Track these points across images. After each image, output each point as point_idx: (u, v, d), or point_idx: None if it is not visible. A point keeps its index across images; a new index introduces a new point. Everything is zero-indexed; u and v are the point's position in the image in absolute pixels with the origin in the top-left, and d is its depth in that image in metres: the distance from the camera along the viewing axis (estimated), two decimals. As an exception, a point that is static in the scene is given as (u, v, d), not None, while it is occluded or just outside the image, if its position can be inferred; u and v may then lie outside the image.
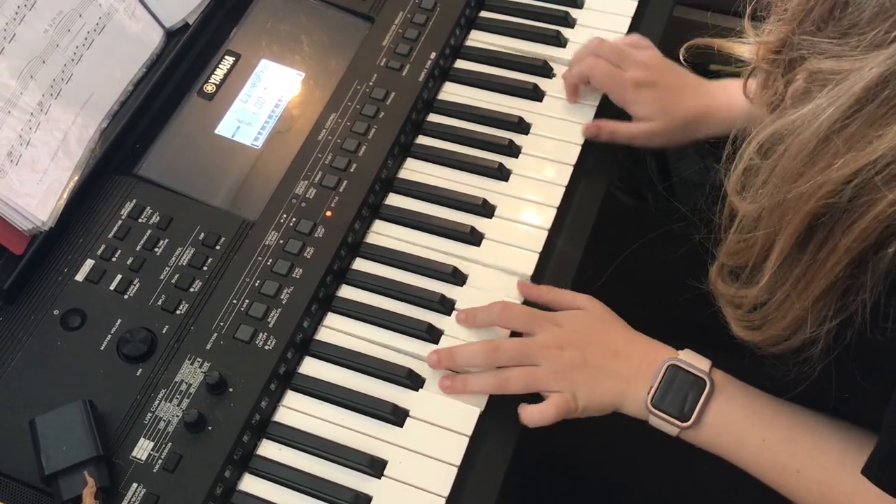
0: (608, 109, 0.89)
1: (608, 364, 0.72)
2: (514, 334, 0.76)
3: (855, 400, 0.62)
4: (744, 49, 0.68)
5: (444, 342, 0.76)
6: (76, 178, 0.80)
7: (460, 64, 0.94)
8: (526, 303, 0.78)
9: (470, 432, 0.72)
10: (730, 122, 0.84)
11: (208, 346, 0.73)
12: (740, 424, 0.69)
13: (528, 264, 0.80)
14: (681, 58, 0.88)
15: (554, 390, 0.72)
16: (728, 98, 0.85)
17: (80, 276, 0.76)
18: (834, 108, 0.51)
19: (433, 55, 0.91)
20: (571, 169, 0.86)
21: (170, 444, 0.69)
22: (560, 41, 0.95)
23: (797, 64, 0.57)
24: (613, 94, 0.87)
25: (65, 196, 0.79)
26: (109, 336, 0.73)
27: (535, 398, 0.73)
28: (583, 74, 0.87)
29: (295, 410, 0.73)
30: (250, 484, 0.70)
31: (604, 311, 0.76)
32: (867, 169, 0.50)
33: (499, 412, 0.73)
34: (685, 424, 0.69)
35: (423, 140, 0.89)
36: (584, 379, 0.72)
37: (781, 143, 0.55)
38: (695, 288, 0.67)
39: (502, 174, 0.86)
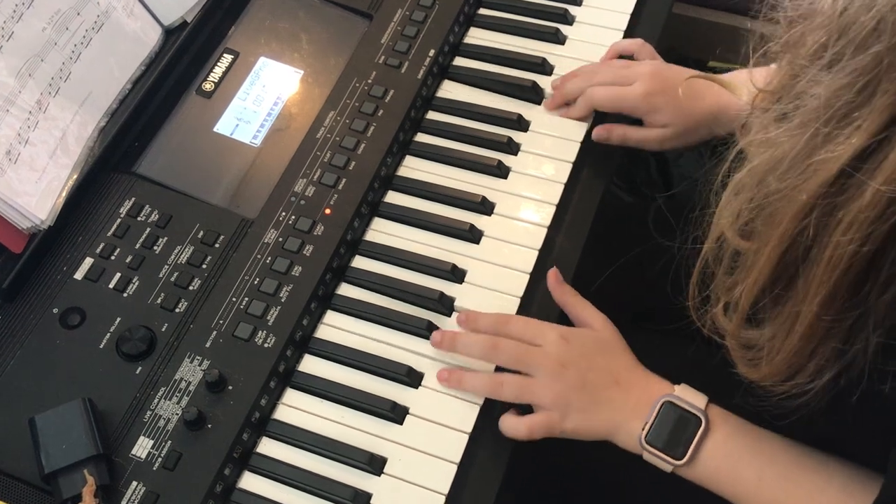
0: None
1: (607, 392, 0.71)
2: None
3: (855, 439, 0.62)
4: (742, 92, 0.66)
5: (444, 340, 0.76)
6: (75, 176, 0.80)
7: (459, 61, 0.94)
8: (528, 301, 0.78)
9: (469, 430, 0.72)
10: (739, 119, 0.84)
11: (208, 344, 0.73)
12: (736, 462, 0.68)
13: (528, 262, 0.80)
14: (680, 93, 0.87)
15: (545, 406, 0.71)
16: (735, 100, 0.85)
17: (79, 275, 0.76)
18: (797, 133, 0.51)
19: (432, 52, 0.91)
20: (570, 166, 0.86)
21: (169, 442, 0.69)
22: (559, 38, 0.95)
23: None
24: (626, 112, 0.86)
25: (63, 194, 0.79)
26: (109, 334, 0.73)
27: (527, 408, 0.72)
28: (586, 110, 0.87)
29: (294, 408, 0.74)
30: (250, 482, 0.70)
31: (614, 335, 0.75)
32: (821, 190, 0.50)
33: (498, 410, 0.73)
34: (679, 462, 0.68)
35: (422, 137, 0.89)
36: (579, 402, 0.71)
37: (763, 153, 0.55)
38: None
39: (501, 172, 0.86)
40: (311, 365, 0.76)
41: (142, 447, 0.69)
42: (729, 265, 0.59)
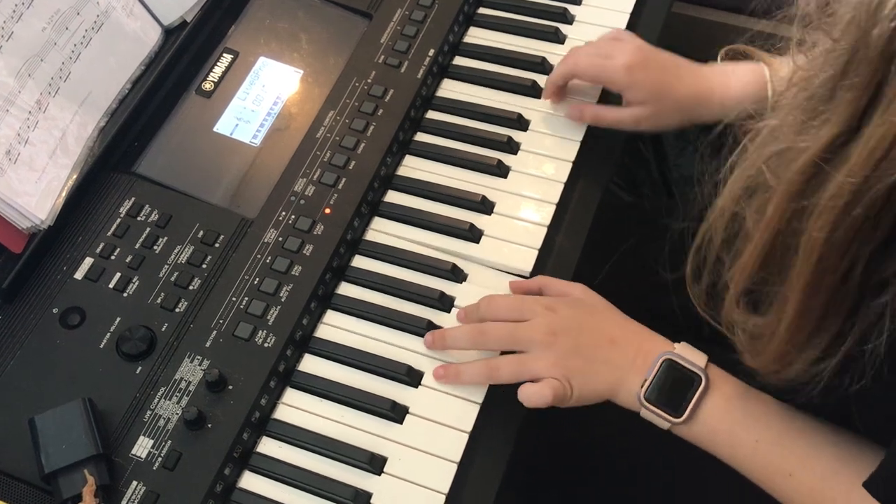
0: (609, 101, 0.89)
1: (603, 352, 0.71)
2: None
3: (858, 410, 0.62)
4: (782, 69, 0.67)
5: (444, 339, 0.76)
6: (75, 176, 0.80)
7: (459, 61, 0.94)
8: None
9: (469, 429, 0.72)
10: (722, 110, 0.82)
11: (208, 344, 0.73)
12: (734, 423, 0.68)
13: (528, 261, 0.80)
14: (719, 58, 0.87)
15: (545, 377, 0.70)
16: (723, 84, 0.84)
17: (79, 275, 0.76)
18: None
19: (432, 52, 0.91)
20: (570, 165, 0.86)
21: (169, 441, 0.69)
22: (559, 38, 0.95)
23: None
24: (606, 83, 0.86)
25: (63, 194, 0.79)
26: (109, 334, 0.73)
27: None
28: (566, 73, 0.86)
29: (294, 408, 0.74)
30: (250, 481, 0.70)
31: (598, 299, 0.75)
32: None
33: (498, 408, 0.73)
34: (677, 420, 0.68)
35: (421, 137, 0.89)
36: (578, 366, 0.71)
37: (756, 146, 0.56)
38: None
39: (501, 171, 0.86)
40: (311, 364, 0.76)
41: (142, 447, 0.69)
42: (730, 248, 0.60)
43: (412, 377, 0.74)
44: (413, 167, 0.87)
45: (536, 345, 0.71)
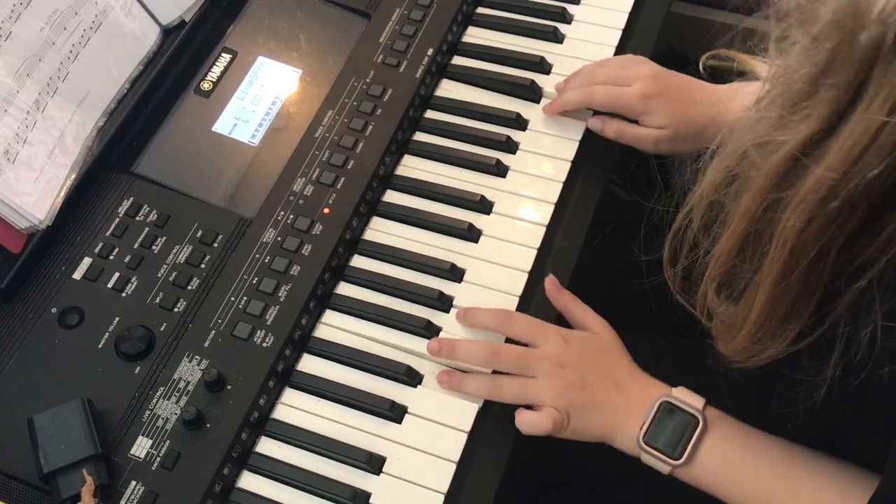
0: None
1: (606, 394, 0.72)
2: (510, 341, 0.76)
3: (854, 431, 0.62)
4: (762, 68, 0.67)
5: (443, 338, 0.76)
6: (73, 176, 0.80)
7: (457, 60, 0.94)
8: (527, 299, 0.78)
9: (468, 429, 0.72)
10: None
11: (206, 344, 0.73)
12: (733, 462, 0.68)
13: (526, 261, 0.80)
14: (700, 66, 0.87)
15: (546, 405, 0.71)
16: (737, 104, 0.84)
17: (77, 275, 0.76)
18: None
19: (430, 52, 0.91)
20: (569, 165, 0.86)
21: (168, 441, 0.69)
22: (557, 37, 0.95)
23: None
24: (623, 112, 0.86)
25: (62, 194, 0.79)
26: (107, 334, 0.73)
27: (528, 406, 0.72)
28: (581, 102, 0.86)
29: (293, 408, 0.73)
30: (249, 481, 0.70)
31: (613, 339, 0.76)
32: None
33: (497, 409, 0.73)
34: (677, 462, 0.68)
35: (420, 136, 0.89)
36: (580, 402, 0.71)
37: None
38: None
39: (500, 170, 0.86)
40: (309, 364, 0.76)
41: (140, 447, 0.69)
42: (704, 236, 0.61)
43: (411, 377, 0.74)
44: (412, 167, 0.87)
45: (543, 372, 0.72)
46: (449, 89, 0.92)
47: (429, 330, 0.76)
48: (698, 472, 0.69)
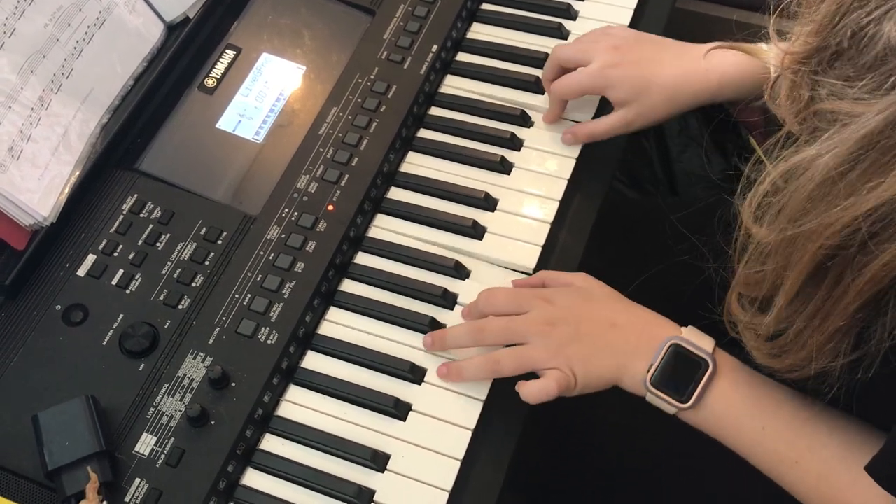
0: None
1: (604, 337, 0.71)
2: None
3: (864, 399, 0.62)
4: (770, 55, 0.66)
5: (447, 336, 0.76)
6: (77, 172, 0.80)
7: (462, 57, 0.94)
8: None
9: (473, 426, 0.72)
10: (708, 93, 0.81)
11: (210, 341, 0.73)
12: (740, 409, 0.68)
13: (531, 258, 0.80)
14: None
15: (549, 367, 0.70)
16: (718, 67, 0.81)
17: (81, 272, 0.76)
18: (835, 153, 0.50)
19: (435, 48, 0.90)
20: (574, 162, 0.86)
21: (172, 438, 0.69)
22: (562, 33, 0.94)
23: (812, 101, 0.55)
24: (592, 91, 0.84)
25: (66, 191, 0.79)
26: (112, 331, 0.73)
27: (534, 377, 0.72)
28: (558, 98, 0.85)
29: (297, 405, 0.73)
30: (253, 478, 0.70)
31: (597, 285, 0.75)
32: (867, 216, 0.49)
33: (501, 405, 0.73)
34: (684, 405, 0.68)
35: (424, 133, 0.89)
36: (579, 354, 0.70)
37: (793, 179, 0.54)
38: (704, 286, 0.67)
39: (504, 167, 0.86)
40: (314, 361, 0.76)
41: (145, 444, 0.69)
42: (756, 259, 0.58)
43: (415, 374, 0.74)
44: (416, 164, 0.87)
45: (534, 336, 0.71)
46: (453, 86, 0.92)
47: (433, 327, 0.76)
48: (704, 417, 0.68)
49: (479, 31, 0.96)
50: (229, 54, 0.90)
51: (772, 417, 0.67)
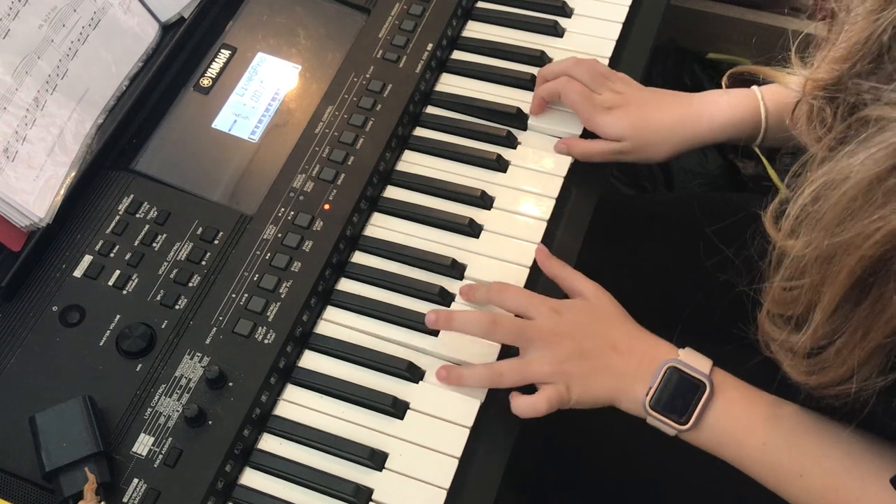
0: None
1: (605, 358, 0.71)
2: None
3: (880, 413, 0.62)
4: (791, 80, 0.66)
5: (444, 334, 0.76)
6: (73, 173, 0.80)
7: (458, 55, 0.94)
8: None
9: (471, 424, 0.72)
10: (710, 132, 0.84)
11: (208, 341, 0.73)
12: (740, 427, 0.68)
13: (528, 256, 0.80)
14: (723, 84, 0.86)
15: (546, 381, 0.71)
16: (712, 106, 0.84)
17: (78, 272, 0.76)
18: (874, 157, 0.49)
19: (430, 46, 0.90)
20: (570, 159, 0.86)
21: (170, 439, 0.69)
22: (557, 31, 0.94)
23: (855, 109, 0.54)
24: (582, 115, 0.85)
25: (62, 192, 0.79)
26: (108, 332, 0.73)
27: (530, 388, 0.72)
28: (554, 91, 0.86)
29: (295, 404, 0.73)
30: (251, 478, 0.70)
31: (607, 302, 0.75)
32: None
33: (500, 403, 0.73)
34: (684, 427, 0.68)
35: (420, 132, 0.89)
36: (578, 371, 0.71)
37: (831, 188, 0.53)
38: (699, 283, 0.66)
39: (501, 165, 0.86)
40: (311, 361, 0.76)
41: (142, 444, 0.69)
42: (791, 275, 0.58)
43: (413, 373, 0.74)
44: (412, 162, 0.87)
45: (539, 346, 0.72)
46: (449, 84, 0.92)
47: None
48: (705, 437, 0.69)
49: (475, 29, 0.96)
50: (224, 54, 0.90)
51: (773, 431, 0.67)
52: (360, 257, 0.81)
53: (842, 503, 0.64)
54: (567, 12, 0.96)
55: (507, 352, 0.75)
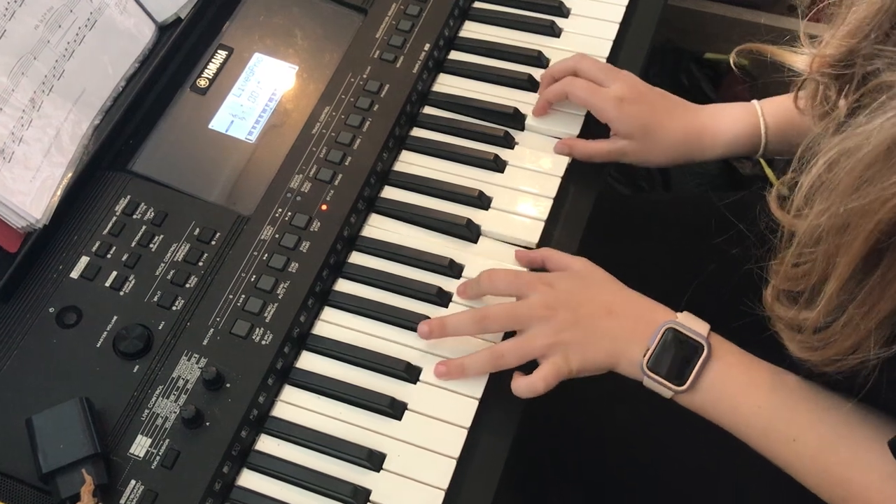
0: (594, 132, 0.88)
1: (601, 323, 0.71)
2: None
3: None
4: (797, 59, 0.66)
5: (442, 335, 0.76)
6: (70, 174, 0.80)
7: (455, 55, 0.94)
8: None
9: (468, 424, 0.72)
10: (713, 149, 0.84)
11: (205, 342, 0.73)
12: (736, 390, 0.68)
13: (525, 255, 0.80)
14: (731, 62, 0.86)
15: (546, 355, 0.71)
16: (714, 122, 0.84)
17: (74, 274, 0.76)
18: (892, 124, 0.50)
19: (427, 46, 0.90)
20: (568, 160, 0.86)
21: (167, 440, 0.69)
22: (554, 31, 0.94)
23: (868, 78, 0.54)
24: (595, 110, 0.85)
25: (58, 193, 0.78)
26: (105, 333, 0.73)
27: (532, 366, 0.72)
28: (560, 92, 0.86)
29: (292, 405, 0.73)
30: (249, 479, 0.70)
31: (597, 270, 0.76)
32: None
33: (497, 403, 0.73)
34: (680, 389, 0.69)
35: (418, 132, 0.89)
36: (576, 339, 0.71)
37: (847, 155, 0.53)
38: (697, 283, 0.67)
39: (498, 165, 0.86)
40: (308, 361, 0.75)
41: (140, 446, 0.68)
42: (801, 247, 0.58)
43: (410, 373, 0.74)
44: (409, 162, 0.87)
45: (535, 320, 0.72)
46: (446, 84, 0.92)
47: (428, 326, 0.76)
48: (700, 399, 0.69)
49: (472, 30, 0.96)
50: (221, 54, 0.89)
51: (767, 397, 0.67)
52: (357, 258, 0.81)
53: (832, 468, 0.64)
54: (564, 12, 0.96)
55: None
